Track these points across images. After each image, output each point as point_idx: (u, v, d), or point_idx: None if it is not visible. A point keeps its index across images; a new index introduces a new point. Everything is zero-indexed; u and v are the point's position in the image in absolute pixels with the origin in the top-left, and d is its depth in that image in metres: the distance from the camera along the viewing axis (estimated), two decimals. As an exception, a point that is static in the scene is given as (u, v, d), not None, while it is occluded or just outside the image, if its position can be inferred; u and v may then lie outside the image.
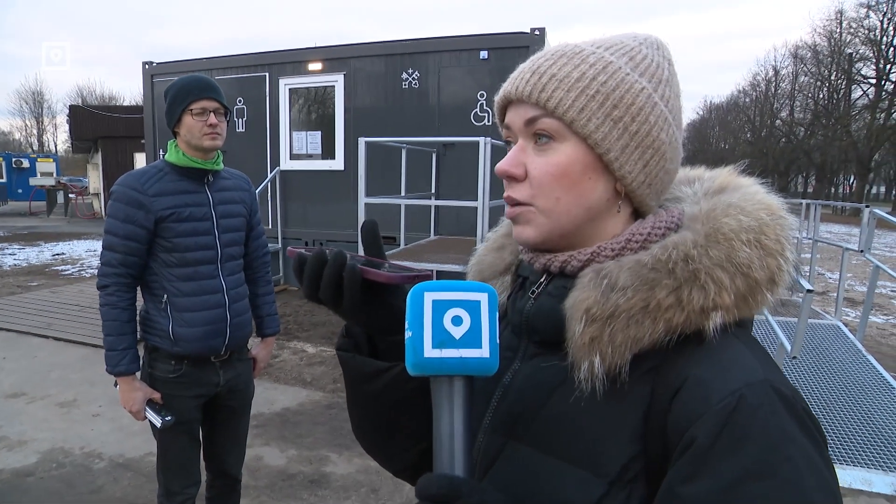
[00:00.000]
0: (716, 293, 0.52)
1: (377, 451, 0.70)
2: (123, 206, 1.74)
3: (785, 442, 0.47)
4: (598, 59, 0.57)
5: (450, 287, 0.51)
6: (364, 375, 0.61)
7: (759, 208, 0.56)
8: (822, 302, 7.83)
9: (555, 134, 0.58)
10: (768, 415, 0.48)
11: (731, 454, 0.46)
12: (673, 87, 0.60)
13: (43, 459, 3.20)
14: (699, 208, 0.58)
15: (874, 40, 32.17)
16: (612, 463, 0.53)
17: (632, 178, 0.58)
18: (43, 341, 5.34)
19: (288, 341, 5.38)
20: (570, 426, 0.56)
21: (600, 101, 0.56)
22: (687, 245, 0.54)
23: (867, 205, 5.20)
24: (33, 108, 54.45)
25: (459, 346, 0.50)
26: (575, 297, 0.56)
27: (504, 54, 6.21)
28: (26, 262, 10.15)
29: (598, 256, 0.58)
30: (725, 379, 0.50)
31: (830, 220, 24.86)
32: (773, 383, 0.50)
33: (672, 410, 0.51)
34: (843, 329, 5.32)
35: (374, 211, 4.78)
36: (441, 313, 0.51)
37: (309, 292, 0.57)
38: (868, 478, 2.96)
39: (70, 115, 19.42)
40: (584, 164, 0.57)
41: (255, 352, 2.13)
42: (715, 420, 0.48)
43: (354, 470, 3.13)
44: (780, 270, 0.54)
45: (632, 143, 0.57)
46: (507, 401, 0.62)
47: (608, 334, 0.53)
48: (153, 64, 8.03)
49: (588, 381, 0.54)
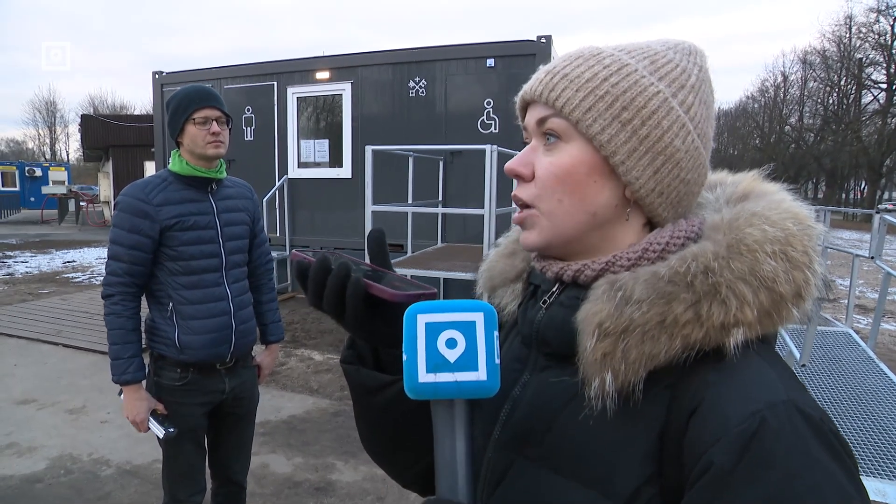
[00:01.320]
0: (737, 308, 0.49)
1: (385, 463, 0.69)
2: (128, 216, 1.76)
3: (810, 467, 0.44)
4: (613, 61, 0.56)
5: (443, 308, 0.50)
6: (368, 389, 0.60)
7: (786, 217, 0.53)
8: (833, 309, 7.75)
9: (562, 134, 0.56)
10: (792, 438, 0.45)
11: (751, 481, 0.44)
12: (700, 94, 0.57)
13: (52, 466, 3.22)
14: (721, 217, 0.55)
15: (884, 45, 31.97)
16: (625, 485, 0.51)
17: (640, 185, 0.55)
18: (53, 348, 5.39)
19: (295, 349, 5.39)
20: (580, 445, 0.54)
21: (609, 101, 0.54)
22: (707, 256, 0.52)
23: (877, 210, 5.15)
24: (46, 117, 55.32)
25: (454, 369, 0.49)
26: (587, 309, 0.54)
27: (511, 62, 6.22)
28: (38, 270, 10.26)
29: (613, 266, 0.56)
30: (746, 399, 0.47)
31: (842, 227, 24.62)
32: (797, 403, 0.46)
33: (689, 432, 0.48)
34: (854, 336, 5.26)
35: (381, 218, 4.80)
36: (435, 336, 0.49)
37: (313, 301, 0.56)
38: (882, 489, 2.91)
39: (82, 124, 19.64)
40: (589, 166, 0.56)
41: (260, 359, 2.14)
42: (734, 443, 0.45)
43: (360, 478, 3.12)
44: (808, 284, 0.51)
45: (641, 147, 0.55)
46: (517, 415, 0.60)
47: (621, 350, 0.51)
48: (163, 73, 8.12)
49: (599, 398, 0.52)
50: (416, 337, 0.49)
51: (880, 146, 31.63)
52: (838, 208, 15.65)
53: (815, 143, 37.63)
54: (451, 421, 0.51)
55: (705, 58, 0.60)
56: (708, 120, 0.58)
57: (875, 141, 32.20)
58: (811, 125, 38.85)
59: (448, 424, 0.51)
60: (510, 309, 0.69)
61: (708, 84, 0.59)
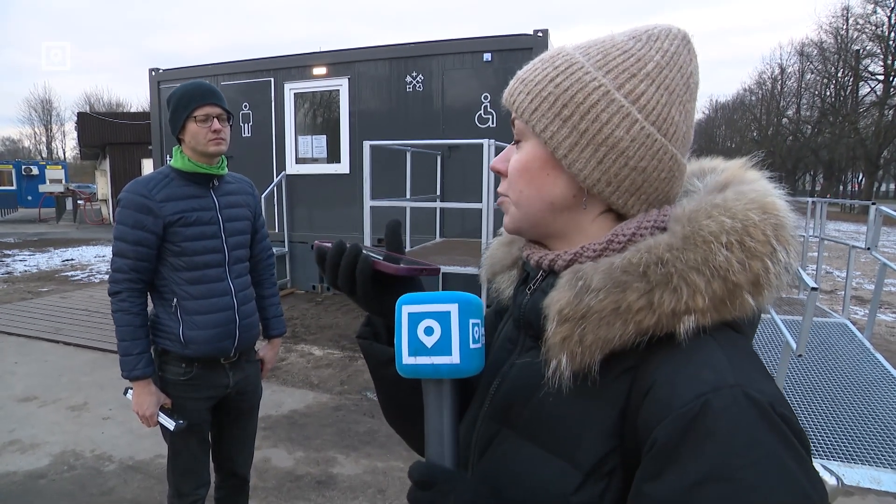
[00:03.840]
0: (689, 296, 0.52)
1: (404, 432, 0.76)
2: (132, 212, 1.77)
3: (751, 446, 0.46)
4: (564, 61, 0.60)
5: (424, 300, 0.57)
6: (380, 361, 0.68)
7: (750, 208, 0.54)
8: (831, 300, 7.78)
9: (522, 134, 0.63)
10: (735, 419, 0.47)
11: (692, 456, 0.47)
12: (659, 79, 0.57)
13: (55, 462, 3.24)
14: (682, 209, 0.57)
15: (881, 36, 31.94)
16: (589, 456, 0.55)
17: (584, 175, 0.58)
18: (53, 346, 5.40)
19: (295, 344, 5.41)
20: (551, 418, 0.59)
21: (552, 101, 0.59)
22: (660, 248, 0.54)
23: (874, 202, 5.18)
24: (42, 115, 55.08)
25: (431, 353, 0.56)
26: (552, 296, 0.58)
27: (507, 56, 6.22)
28: (36, 268, 10.25)
29: (581, 257, 0.60)
30: (691, 382, 0.50)
31: (839, 219, 24.67)
32: (744, 388, 0.49)
33: (641, 410, 0.52)
34: (850, 327, 5.29)
35: (379, 213, 4.81)
36: (416, 324, 0.57)
37: (330, 279, 0.65)
38: (877, 476, 2.95)
39: (78, 122, 19.56)
40: (542, 161, 0.61)
41: (263, 353, 2.16)
42: (677, 423, 0.48)
43: (362, 471, 3.15)
44: (767, 273, 0.52)
45: (581, 140, 0.58)
46: (503, 390, 0.66)
47: (578, 334, 0.54)
48: (160, 70, 8.10)
49: (556, 378, 0.56)
50: (400, 324, 0.57)
51: (877, 138, 31.66)
52: (835, 200, 15.63)
53: (812, 136, 37.64)
54: (438, 397, 0.59)
55: (680, 41, 0.60)
56: (672, 105, 0.58)
57: (872, 132, 32.22)
58: (808, 117, 38.86)
59: (436, 400, 0.59)
60: (508, 293, 0.76)
61: (674, 68, 0.58)
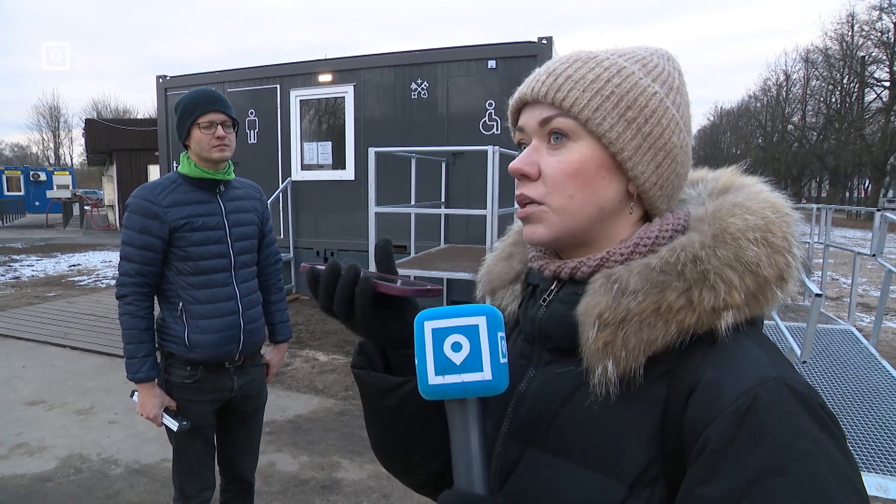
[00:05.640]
0: (726, 292, 0.53)
1: (399, 467, 0.70)
2: (139, 217, 1.80)
3: (800, 437, 0.47)
4: (612, 64, 0.59)
5: (448, 314, 0.53)
6: (379, 391, 0.62)
7: (765, 206, 0.57)
8: (836, 307, 7.75)
9: (570, 133, 0.59)
10: (782, 411, 0.48)
11: (747, 453, 0.47)
12: (683, 95, 0.62)
13: (61, 465, 3.26)
14: (705, 209, 0.59)
15: (887, 43, 31.85)
16: (631, 466, 0.54)
17: (644, 179, 0.59)
18: (60, 350, 5.44)
19: (300, 350, 5.43)
20: (587, 431, 0.57)
21: (615, 101, 0.58)
22: (695, 246, 0.55)
23: (879, 208, 5.17)
24: (50, 122, 55.60)
25: (461, 371, 0.52)
26: (587, 302, 0.57)
27: (512, 63, 6.25)
28: (44, 273, 10.33)
29: (608, 262, 0.59)
30: (738, 379, 0.50)
31: (845, 225, 24.56)
32: (786, 380, 0.50)
33: (687, 412, 0.52)
34: (856, 334, 5.27)
35: (384, 220, 4.83)
36: (441, 340, 0.52)
37: (324, 304, 0.59)
38: (884, 484, 2.93)
39: (86, 128, 19.75)
40: (597, 163, 0.59)
41: (268, 357, 2.17)
42: (729, 420, 0.48)
43: (366, 476, 3.15)
44: (789, 267, 0.55)
45: (644, 143, 0.58)
46: (524, 408, 0.63)
47: (621, 338, 0.54)
48: (167, 77, 8.18)
49: (602, 385, 0.55)
50: (423, 342, 0.53)
51: (883, 144, 31.49)
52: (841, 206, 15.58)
53: (818, 142, 37.52)
54: (464, 418, 0.54)
55: (679, 64, 0.65)
56: (691, 119, 0.64)
57: (878, 139, 32.05)
58: (814, 124, 38.75)
59: (462, 421, 0.54)
60: (511, 309, 0.72)
61: (685, 87, 0.64)
